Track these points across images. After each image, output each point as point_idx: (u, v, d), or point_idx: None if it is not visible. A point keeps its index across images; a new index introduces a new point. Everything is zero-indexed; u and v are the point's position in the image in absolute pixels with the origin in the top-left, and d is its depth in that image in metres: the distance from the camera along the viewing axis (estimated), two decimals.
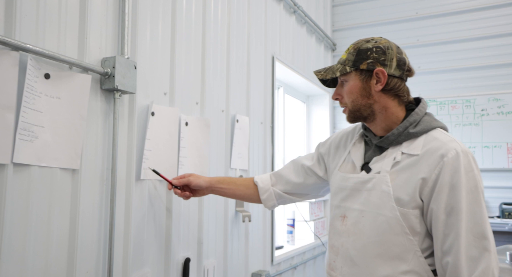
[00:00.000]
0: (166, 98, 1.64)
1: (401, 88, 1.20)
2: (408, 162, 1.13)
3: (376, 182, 1.16)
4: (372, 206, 1.16)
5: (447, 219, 1.07)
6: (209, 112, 1.91)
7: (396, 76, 1.17)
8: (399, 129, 1.16)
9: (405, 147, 1.16)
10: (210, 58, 1.92)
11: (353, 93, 1.20)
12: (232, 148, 2.07)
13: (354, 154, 1.28)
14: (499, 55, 3.17)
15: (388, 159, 1.17)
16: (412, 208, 1.11)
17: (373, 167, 1.20)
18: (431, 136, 1.15)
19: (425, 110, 1.21)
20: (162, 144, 1.59)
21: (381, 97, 1.18)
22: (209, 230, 1.88)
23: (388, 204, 1.12)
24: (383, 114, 1.19)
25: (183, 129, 1.72)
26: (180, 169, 1.69)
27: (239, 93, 2.18)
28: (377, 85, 1.17)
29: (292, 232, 2.95)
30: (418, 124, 1.17)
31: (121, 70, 1.34)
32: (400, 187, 1.12)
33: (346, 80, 1.22)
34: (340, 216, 1.25)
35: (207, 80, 1.90)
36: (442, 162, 1.08)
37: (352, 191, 1.23)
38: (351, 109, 1.22)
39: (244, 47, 2.25)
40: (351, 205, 1.22)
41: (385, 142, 1.19)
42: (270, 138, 2.54)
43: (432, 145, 1.12)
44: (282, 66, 2.73)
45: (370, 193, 1.17)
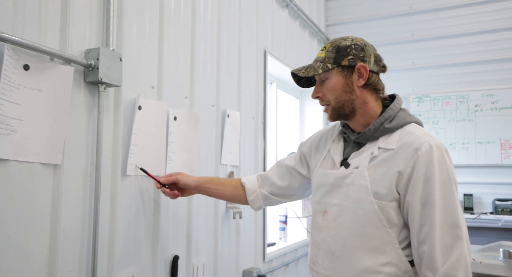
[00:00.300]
0: (153, 92, 1.60)
1: (379, 83, 1.25)
2: (385, 156, 1.18)
3: (355, 176, 1.20)
4: (351, 200, 1.20)
5: (422, 210, 1.11)
6: (199, 106, 1.87)
7: (374, 72, 1.23)
8: (375, 125, 1.21)
9: (381, 141, 1.20)
10: (200, 51, 1.88)
11: (336, 89, 1.22)
12: (222, 143, 2.03)
13: (333, 151, 1.32)
14: (494, 50, 3.15)
15: (366, 154, 1.21)
16: (390, 201, 1.15)
17: (351, 162, 1.23)
18: (405, 131, 1.19)
19: (400, 106, 1.26)
20: (150, 138, 1.55)
21: (362, 93, 1.23)
22: (199, 227, 1.84)
23: (367, 197, 1.16)
24: (363, 110, 1.23)
25: (171, 124, 1.67)
26: (169, 164, 1.65)
27: (230, 88, 2.14)
28: (359, 80, 1.21)
29: (284, 228, 2.92)
30: (393, 119, 1.21)
31: (105, 62, 1.30)
32: (377, 181, 1.16)
33: (327, 77, 1.24)
34: (321, 212, 1.29)
35: (196, 73, 1.85)
36: (416, 155, 1.13)
37: (332, 186, 1.26)
38: (334, 107, 1.24)
39: (235, 40, 2.21)
40: (331, 200, 1.25)
41: (362, 137, 1.23)
42: (262, 133, 2.50)
43: (407, 139, 1.17)
44: (274, 61, 2.69)
45: (349, 188, 1.21)
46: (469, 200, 3.11)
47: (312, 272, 1.30)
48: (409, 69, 3.44)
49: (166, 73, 1.66)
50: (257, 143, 2.43)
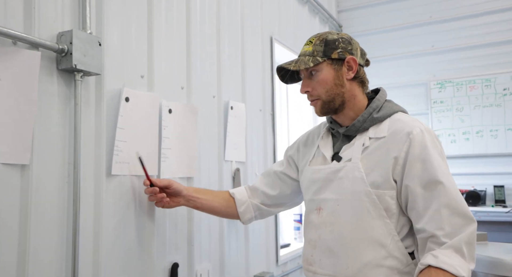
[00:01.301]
0: (143, 82, 1.43)
1: (365, 76, 1.27)
2: (377, 145, 1.18)
3: (348, 169, 1.19)
4: (347, 193, 1.18)
5: (425, 193, 1.10)
6: (197, 98, 1.70)
7: (361, 65, 1.25)
8: (364, 116, 1.22)
9: (371, 131, 1.21)
10: (196, 36, 1.70)
11: (328, 82, 1.22)
12: (226, 138, 1.86)
13: (323, 147, 1.31)
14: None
15: (357, 145, 1.21)
16: (387, 189, 1.14)
17: (343, 156, 1.23)
18: (394, 119, 1.21)
19: (385, 97, 1.27)
20: (140, 134, 1.38)
21: (351, 85, 1.23)
22: (202, 229, 1.67)
23: (363, 188, 1.15)
24: (351, 103, 1.24)
25: (166, 118, 1.50)
26: (163, 162, 1.48)
27: (233, 77, 1.96)
28: (349, 73, 1.22)
29: (299, 228, 2.73)
30: (380, 109, 1.23)
31: (80, 47, 1.13)
32: (372, 170, 1.16)
33: (316, 70, 1.23)
34: (315, 209, 1.26)
35: (193, 61, 1.68)
36: (409, 139, 1.14)
37: (325, 182, 1.24)
38: (325, 100, 1.23)
39: (238, 25, 2.03)
40: (325, 195, 1.23)
41: (352, 129, 1.23)
42: (271, 127, 2.31)
43: (397, 126, 1.18)
44: (282, 49, 2.50)
45: (343, 181, 1.19)
46: (500, 192, 2.87)
47: (309, 273, 1.25)
48: (428, 53, 3.20)
49: (158, 61, 1.49)
50: (265, 137, 2.25)
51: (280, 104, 2.87)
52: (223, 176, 1.83)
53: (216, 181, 1.80)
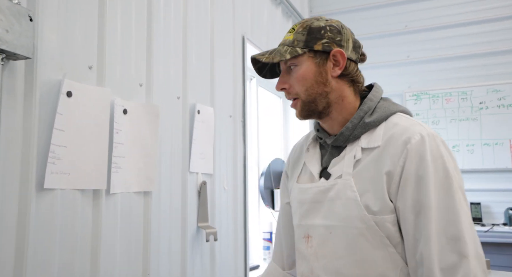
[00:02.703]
0: (92, 74, 1.16)
1: (358, 73, 1.04)
2: (371, 158, 0.95)
3: (339, 188, 0.97)
4: (339, 218, 0.96)
5: (416, 220, 0.89)
6: (159, 98, 1.44)
7: (352, 60, 1.02)
8: (354, 121, 0.99)
9: (364, 140, 0.98)
10: (159, 26, 1.45)
11: (307, 79, 1.00)
12: (191, 146, 1.61)
13: (309, 161, 1.09)
14: (498, 41, 2.83)
15: (348, 158, 0.99)
16: (386, 214, 0.91)
17: (332, 172, 1.00)
18: (390, 123, 0.98)
19: (380, 95, 1.04)
20: (85, 137, 1.11)
21: (338, 84, 1.01)
22: (160, 254, 1.40)
23: (358, 213, 0.93)
24: (339, 105, 1.02)
25: (119, 119, 1.24)
26: (115, 173, 1.21)
27: (200, 77, 1.72)
28: (335, 69, 1.00)
29: (269, 247, 2.49)
30: (374, 111, 1.00)
31: (2, 20, 0.86)
32: (366, 190, 0.94)
33: (295, 64, 1.01)
34: (303, 237, 1.04)
35: (155, 56, 1.43)
36: (406, 150, 0.91)
37: (312, 203, 1.02)
38: (304, 100, 1.01)
39: (207, 21, 1.79)
40: (313, 221, 1.01)
41: (340, 139, 1.01)
42: (241, 135, 2.08)
43: (393, 132, 0.95)
44: (255, 51, 2.28)
45: (334, 203, 0.97)
46: (477, 210, 2.75)
47: None
48: (404, 63, 3.09)
49: (111, 50, 1.23)
50: (235, 146, 2.01)
51: (250, 111, 2.65)
52: (187, 190, 1.57)
53: (179, 196, 1.54)
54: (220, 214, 1.81)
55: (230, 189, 1.92)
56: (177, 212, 1.52)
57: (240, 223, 2.00)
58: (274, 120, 3.17)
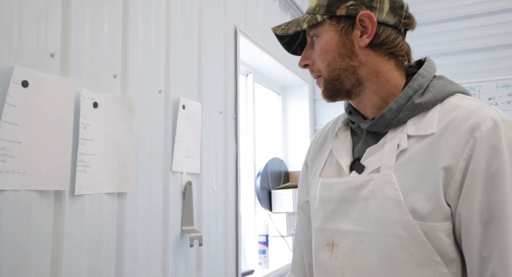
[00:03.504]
0: (54, 63, 1.05)
1: (398, 43, 0.83)
2: (420, 147, 0.76)
3: (376, 185, 0.77)
4: (373, 223, 0.76)
5: (485, 232, 0.69)
6: (137, 91, 1.33)
7: (389, 25, 0.82)
8: (399, 102, 0.80)
9: (411, 126, 0.79)
10: (137, 11, 1.34)
11: (328, 52, 0.84)
12: (174, 143, 1.49)
13: (337, 150, 0.90)
14: (507, 34, 2.68)
15: (389, 147, 0.79)
16: (439, 221, 0.71)
17: (367, 164, 0.81)
18: (449, 105, 0.78)
19: (434, 71, 0.85)
20: (44, 133, 0.99)
21: (369, 57, 0.83)
22: (137, 263, 1.28)
23: (400, 217, 0.73)
24: (373, 83, 0.84)
25: (88, 113, 1.12)
26: (82, 172, 1.09)
27: (186, 70, 1.60)
28: (363, 38, 0.82)
29: (265, 251, 2.37)
30: (426, 90, 0.80)
31: None
32: (413, 188, 0.73)
33: (317, 35, 0.86)
34: (326, 245, 0.84)
35: (132, 43, 1.31)
36: (473, 139, 0.71)
37: (340, 203, 0.83)
38: (327, 78, 0.85)
39: (194, 9, 1.67)
40: (340, 225, 0.82)
41: (380, 123, 0.82)
42: (233, 132, 1.96)
43: (455, 116, 0.75)
44: (249, 44, 2.16)
45: (368, 204, 0.78)
46: None
47: None
48: None
49: (78, 35, 1.11)
50: (226, 144, 1.89)
51: (246, 108, 2.53)
52: (169, 191, 1.46)
53: (160, 198, 1.42)
54: (208, 216, 1.69)
55: (220, 190, 1.80)
56: (158, 215, 1.40)
57: (231, 226, 1.88)
58: (273, 118, 3.05)
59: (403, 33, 0.86)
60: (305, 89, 3.06)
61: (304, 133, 3.02)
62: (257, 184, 2.53)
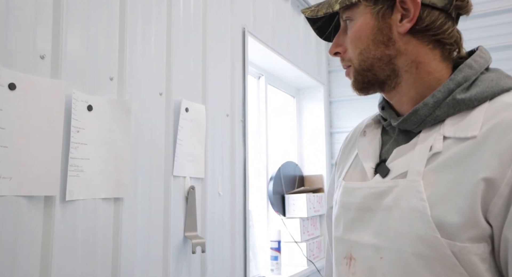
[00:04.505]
0: (44, 65, 1.02)
1: (447, 29, 0.70)
2: (457, 152, 0.63)
3: (400, 192, 0.67)
4: (394, 237, 0.66)
5: None
6: (136, 93, 1.29)
7: (437, 8, 0.69)
8: (437, 96, 0.68)
9: (450, 126, 0.67)
10: (136, 11, 1.31)
11: (362, 38, 0.73)
12: (175, 147, 1.45)
13: (363, 150, 0.80)
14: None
15: (420, 149, 0.68)
16: (472, 241, 0.59)
17: (393, 167, 0.70)
18: (500, 103, 0.64)
19: (487, 63, 0.70)
20: (32, 137, 0.97)
21: (409, 45, 0.71)
22: (135, 271, 1.25)
23: (426, 233, 0.62)
24: (412, 75, 0.72)
25: (81, 116, 1.10)
26: (75, 177, 1.07)
27: (189, 72, 1.56)
28: (403, 22, 0.70)
29: (277, 257, 2.31)
30: (473, 84, 0.67)
31: None
32: (443, 199, 0.62)
33: (351, 18, 0.75)
34: (344, 257, 0.75)
35: (130, 43, 1.28)
36: None
37: (360, 211, 0.73)
38: (357, 68, 0.75)
39: (198, 9, 1.64)
40: (359, 236, 0.72)
41: (412, 120, 0.70)
42: (241, 136, 1.91)
43: (503, 118, 0.61)
44: (259, 45, 2.11)
45: (391, 214, 0.67)
46: None
47: None
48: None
49: (70, 36, 1.09)
50: (233, 148, 1.84)
51: (258, 111, 2.48)
52: (170, 196, 1.42)
53: (161, 203, 1.38)
54: (213, 222, 1.64)
55: (226, 195, 1.75)
56: (158, 220, 1.36)
57: (239, 232, 1.83)
58: (287, 121, 2.98)
59: (455, 18, 0.73)
60: (320, 91, 2.99)
61: (319, 137, 2.94)
62: (270, 188, 2.47)
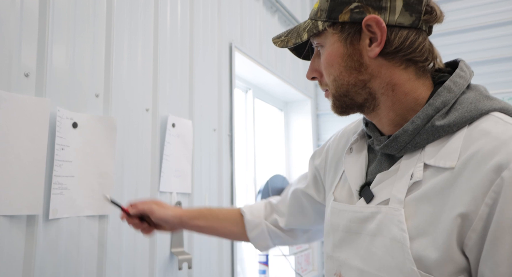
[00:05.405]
0: (29, 83, 1.02)
1: (417, 46, 0.68)
2: (437, 183, 0.63)
3: (383, 220, 0.68)
4: (377, 264, 0.68)
5: None
6: (122, 110, 1.29)
7: (405, 27, 0.67)
8: (416, 122, 0.67)
9: (430, 153, 0.66)
10: (122, 27, 1.31)
11: (334, 66, 0.72)
12: (162, 163, 1.45)
13: (349, 169, 0.81)
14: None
15: (402, 177, 0.68)
16: (450, 274, 0.59)
17: (376, 192, 0.71)
18: (477, 130, 0.63)
19: (467, 81, 0.68)
20: (14, 155, 0.96)
21: (382, 68, 0.69)
22: None
23: (404, 264, 0.63)
24: (389, 98, 0.71)
25: (66, 134, 1.09)
26: (59, 195, 1.06)
27: (175, 88, 1.57)
28: (372, 46, 0.68)
29: (265, 271, 2.30)
30: (452, 108, 0.65)
31: None
32: (422, 232, 0.62)
33: (321, 44, 0.74)
34: (334, 274, 0.78)
35: (116, 60, 1.28)
36: (500, 180, 0.56)
37: (347, 233, 0.75)
38: (335, 94, 0.75)
39: (185, 25, 1.65)
40: (346, 257, 0.75)
41: (393, 146, 0.70)
42: (228, 150, 1.91)
43: (480, 147, 0.60)
44: (246, 60, 2.13)
45: (374, 241, 0.69)
46: None
47: None
48: None
49: (55, 53, 1.08)
50: (221, 162, 1.84)
51: (246, 123, 2.49)
52: None
53: None
54: (200, 237, 1.63)
55: None
56: (144, 237, 1.35)
57: (226, 247, 1.82)
58: (275, 134, 3.00)
59: (426, 30, 0.71)
60: (307, 104, 3.01)
61: (307, 150, 2.96)
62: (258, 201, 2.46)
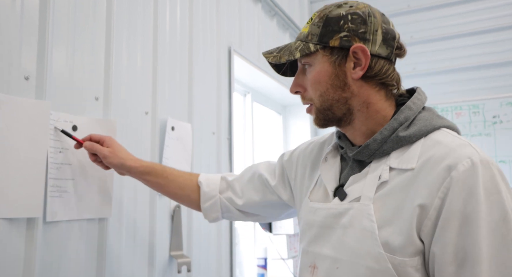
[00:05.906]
0: (29, 86, 1.02)
1: (389, 74, 0.85)
2: (400, 182, 0.78)
3: (354, 214, 0.81)
4: (348, 251, 0.80)
5: (458, 272, 0.70)
6: (121, 113, 1.30)
7: (382, 57, 0.83)
8: (384, 133, 0.82)
9: (394, 158, 0.81)
10: (122, 31, 1.32)
11: (321, 83, 0.86)
12: None
13: (325, 175, 0.94)
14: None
15: (371, 178, 0.82)
16: (409, 256, 0.74)
17: (349, 192, 0.85)
18: (431, 140, 0.79)
19: (423, 104, 0.86)
20: (14, 158, 0.96)
21: (361, 88, 0.85)
22: None
23: (373, 249, 0.76)
24: (363, 114, 0.86)
25: (67, 137, 1.09)
26: (57, 198, 1.06)
27: (175, 91, 1.57)
28: (356, 70, 0.83)
29: (264, 275, 2.29)
30: (412, 123, 0.82)
31: None
32: (388, 222, 0.77)
33: (309, 64, 0.88)
34: (309, 266, 0.89)
35: (116, 63, 1.29)
36: (450, 178, 0.72)
37: (322, 228, 0.87)
38: (319, 107, 0.87)
39: (184, 29, 1.66)
40: (321, 249, 0.87)
41: (364, 153, 0.85)
42: (227, 153, 1.92)
43: (434, 153, 0.76)
44: (245, 64, 2.14)
45: (346, 232, 0.82)
46: None
47: None
48: (410, 76, 2.91)
49: (55, 56, 1.09)
50: (219, 165, 1.84)
51: (244, 126, 2.50)
52: (155, 215, 1.41)
53: (146, 222, 1.38)
54: (199, 241, 1.63)
55: None
56: (143, 240, 1.35)
57: (225, 250, 1.82)
58: (273, 137, 3.00)
59: (394, 62, 0.88)
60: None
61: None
62: None
